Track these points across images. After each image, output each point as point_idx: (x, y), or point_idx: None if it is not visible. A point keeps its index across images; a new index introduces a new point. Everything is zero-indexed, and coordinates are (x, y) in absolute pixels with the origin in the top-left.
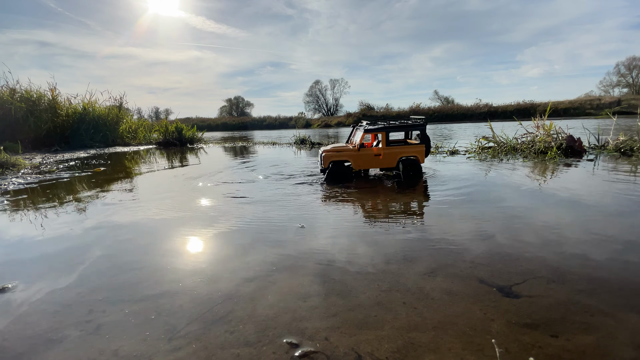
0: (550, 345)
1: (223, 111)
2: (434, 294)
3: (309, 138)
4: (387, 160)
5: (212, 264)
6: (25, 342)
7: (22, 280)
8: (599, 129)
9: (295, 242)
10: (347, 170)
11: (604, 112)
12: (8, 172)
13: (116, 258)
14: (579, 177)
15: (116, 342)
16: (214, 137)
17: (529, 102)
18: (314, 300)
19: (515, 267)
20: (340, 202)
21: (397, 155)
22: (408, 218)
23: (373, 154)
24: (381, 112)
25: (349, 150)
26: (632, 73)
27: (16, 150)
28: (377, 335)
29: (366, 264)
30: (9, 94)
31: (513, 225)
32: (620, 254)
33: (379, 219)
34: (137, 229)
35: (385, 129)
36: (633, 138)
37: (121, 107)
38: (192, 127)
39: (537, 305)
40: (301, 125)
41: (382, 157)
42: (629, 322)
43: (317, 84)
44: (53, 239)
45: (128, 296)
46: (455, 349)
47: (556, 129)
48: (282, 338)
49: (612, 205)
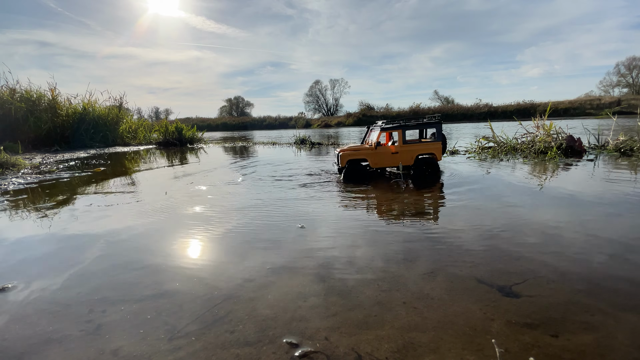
0: (550, 345)
1: (223, 111)
2: (434, 293)
3: (309, 138)
4: (404, 158)
5: (212, 264)
6: (25, 342)
7: (22, 280)
8: (599, 129)
9: (295, 243)
10: (364, 169)
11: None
12: (8, 172)
13: (116, 258)
14: (579, 177)
15: (116, 342)
16: (214, 137)
17: (529, 102)
18: (314, 300)
19: (515, 267)
20: (342, 200)
21: (414, 153)
22: (408, 217)
23: (390, 152)
24: (381, 112)
25: (366, 149)
26: (632, 73)
27: (16, 150)
28: (377, 335)
29: (366, 263)
30: (9, 94)
31: (513, 225)
32: (620, 254)
33: (379, 218)
34: (137, 229)
35: (402, 127)
36: (633, 138)
37: (121, 107)
38: (192, 127)
39: (537, 305)
40: (301, 125)
41: (399, 155)
42: (629, 322)
43: (317, 84)
44: (53, 239)
45: (128, 296)
46: (455, 349)
47: (556, 129)
48: (282, 338)
49: (612, 205)
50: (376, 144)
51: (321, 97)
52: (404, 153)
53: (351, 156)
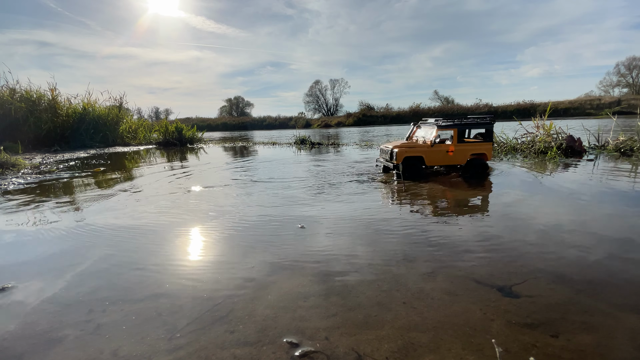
0: (550, 345)
1: (223, 111)
2: (434, 294)
3: (309, 138)
4: (457, 157)
5: (212, 264)
6: (25, 342)
7: (22, 280)
8: (599, 129)
9: (296, 243)
10: (420, 167)
11: (604, 112)
12: (8, 172)
13: (116, 258)
14: (579, 177)
15: (116, 342)
16: (214, 137)
17: (529, 102)
18: (314, 300)
19: (515, 267)
20: (343, 198)
21: (467, 153)
22: (409, 217)
23: (445, 151)
24: (381, 112)
25: (422, 146)
26: (632, 73)
27: (16, 150)
28: (377, 335)
29: (366, 263)
30: (9, 94)
31: (513, 225)
32: (620, 254)
33: (380, 217)
34: (137, 229)
35: (457, 126)
36: (633, 138)
37: (121, 107)
38: (192, 127)
39: (537, 305)
40: (301, 125)
41: (454, 154)
42: (629, 322)
43: (317, 84)
44: (53, 239)
45: (128, 296)
46: (455, 349)
47: (556, 129)
48: (282, 338)
49: (611, 205)
50: (433, 142)
51: (321, 97)
52: (458, 152)
53: (409, 153)
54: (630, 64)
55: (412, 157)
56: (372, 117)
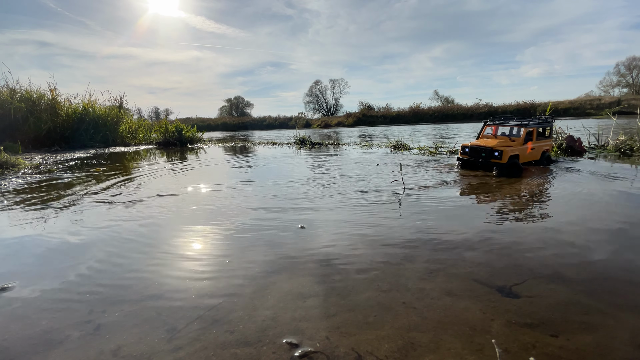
0: (550, 345)
1: (223, 111)
2: (434, 294)
3: (309, 138)
4: (535, 153)
5: (212, 264)
6: (25, 342)
7: (22, 280)
8: (599, 128)
9: (296, 243)
10: (520, 164)
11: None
12: (8, 172)
13: (116, 258)
14: (579, 177)
15: (116, 342)
16: (214, 137)
17: (529, 102)
18: (314, 300)
19: (515, 267)
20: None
21: (541, 149)
22: (409, 217)
23: (530, 148)
24: (381, 112)
25: (516, 145)
26: (632, 73)
27: (16, 150)
28: (377, 335)
29: (366, 263)
30: (9, 94)
31: (513, 225)
32: (620, 254)
33: (380, 218)
34: (137, 228)
35: (538, 125)
36: (633, 138)
37: (121, 107)
38: (192, 127)
39: (537, 305)
40: (301, 126)
41: (534, 151)
42: (629, 322)
43: (317, 84)
44: (53, 239)
45: (128, 296)
46: (455, 349)
47: (556, 129)
48: (282, 338)
49: (611, 205)
50: (524, 141)
51: (321, 97)
52: (536, 149)
53: (512, 152)
54: (630, 64)
55: (514, 155)
56: (372, 117)
